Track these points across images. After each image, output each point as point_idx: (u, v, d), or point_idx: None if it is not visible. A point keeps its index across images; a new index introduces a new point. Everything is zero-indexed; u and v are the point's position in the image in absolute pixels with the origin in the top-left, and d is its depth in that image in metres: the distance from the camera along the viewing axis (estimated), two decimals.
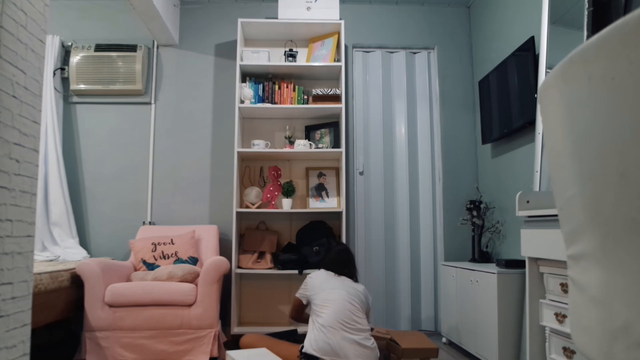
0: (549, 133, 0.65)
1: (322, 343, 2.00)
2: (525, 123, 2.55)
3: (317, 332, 2.06)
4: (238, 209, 3.05)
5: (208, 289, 2.53)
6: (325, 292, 2.20)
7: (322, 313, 2.11)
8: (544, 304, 1.78)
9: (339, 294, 2.17)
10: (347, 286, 2.24)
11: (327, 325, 2.04)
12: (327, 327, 2.04)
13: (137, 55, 3.37)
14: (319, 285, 2.27)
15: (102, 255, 3.28)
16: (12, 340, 1.49)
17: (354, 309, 2.13)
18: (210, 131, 3.45)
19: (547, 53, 2.23)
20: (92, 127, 3.43)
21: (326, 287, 2.22)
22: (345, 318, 2.07)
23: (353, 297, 2.18)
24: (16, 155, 1.52)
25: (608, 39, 0.47)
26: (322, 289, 2.22)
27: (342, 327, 2.04)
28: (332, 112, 3.28)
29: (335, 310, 2.09)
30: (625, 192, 0.48)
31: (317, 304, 2.18)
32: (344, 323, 2.05)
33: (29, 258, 1.59)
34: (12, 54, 1.49)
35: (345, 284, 2.26)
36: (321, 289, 2.23)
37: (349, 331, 2.04)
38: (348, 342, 2.00)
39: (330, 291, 2.19)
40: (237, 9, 3.55)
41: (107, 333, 2.43)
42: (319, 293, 2.21)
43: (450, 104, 3.54)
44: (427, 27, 3.60)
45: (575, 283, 0.64)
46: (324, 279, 2.29)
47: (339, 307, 2.10)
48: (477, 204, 3.10)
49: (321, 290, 2.22)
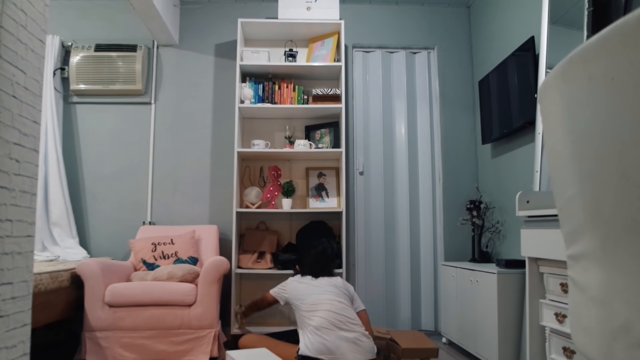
0: (549, 133, 0.65)
1: (318, 344, 2.02)
2: (525, 123, 2.54)
3: (311, 335, 2.09)
4: (238, 209, 3.05)
5: (208, 289, 2.53)
6: (312, 297, 2.24)
7: (313, 317, 2.14)
8: (544, 304, 1.78)
9: (325, 297, 2.22)
10: (329, 285, 2.31)
11: (321, 327, 2.08)
12: (321, 329, 2.07)
13: (137, 55, 3.37)
14: (302, 292, 2.31)
15: (102, 255, 3.28)
16: (12, 340, 1.49)
17: (343, 307, 2.17)
18: (210, 131, 3.45)
19: (547, 53, 2.23)
20: (92, 127, 3.43)
21: (311, 292, 2.26)
22: (338, 317, 2.11)
23: (338, 294, 2.24)
24: (16, 155, 1.52)
25: (608, 39, 0.47)
26: (306, 295, 2.26)
27: (337, 326, 2.08)
28: (332, 112, 3.28)
29: (327, 312, 2.13)
30: (625, 192, 0.48)
31: (305, 310, 2.21)
32: (338, 322, 2.09)
33: (29, 258, 1.59)
34: (12, 54, 1.49)
35: (326, 284, 2.32)
36: (305, 295, 2.27)
37: (343, 330, 2.08)
38: (344, 340, 2.03)
39: (317, 296, 2.23)
40: (237, 9, 3.55)
41: (107, 333, 2.43)
42: (304, 299, 2.25)
43: (450, 104, 3.54)
44: (427, 27, 3.60)
45: (575, 283, 0.64)
46: (304, 285, 2.34)
47: (329, 308, 2.15)
48: (477, 204, 3.10)
49: (307, 296, 2.25)
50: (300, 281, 2.41)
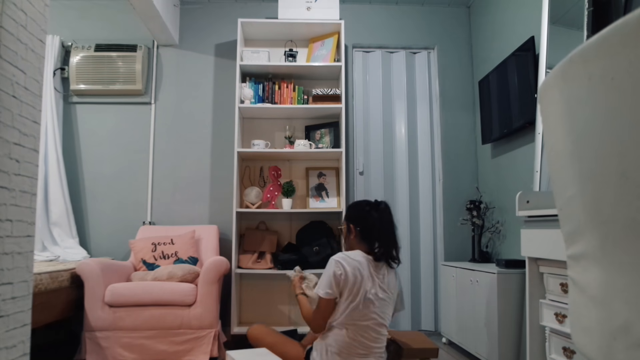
0: (549, 133, 0.65)
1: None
2: (525, 123, 2.54)
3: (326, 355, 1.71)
4: (238, 209, 3.05)
5: (208, 289, 2.53)
6: (359, 300, 1.65)
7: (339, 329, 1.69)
8: (544, 304, 1.78)
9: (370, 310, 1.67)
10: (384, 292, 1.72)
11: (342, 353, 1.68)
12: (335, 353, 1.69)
13: (137, 55, 3.36)
14: (352, 282, 1.64)
15: (102, 255, 3.28)
16: (12, 340, 1.49)
17: (382, 332, 1.74)
18: (210, 131, 3.45)
19: (547, 53, 2.23)
20: (92, 127, 3.43)
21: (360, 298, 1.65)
22: (368, 342, 1.70)
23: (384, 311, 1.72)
24: (16, 155, 1.52)
25: (608, 39, 0.47)
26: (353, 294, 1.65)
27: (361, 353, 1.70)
28: (332, 112, 3.28)
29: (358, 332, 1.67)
30: (625, 192, 0.48)
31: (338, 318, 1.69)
32: (365, 351, 1.71)
33: (29, 258, 1.59)
34: (12, 54, 1.49)
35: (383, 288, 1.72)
36: (352, 293, 1.65)
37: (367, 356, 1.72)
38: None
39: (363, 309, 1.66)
40: (237, 9, 3.55)
41: (107, 333, 2.43)
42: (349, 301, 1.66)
43: (450, 104, 3.53)
44: (427, 27, 3.60)
45: (575, 283, 0.64)
46: (367, 274, 1.68)
47: (364, 333, 1.68)
48: (477, 204, 3.10)
49: (352, 295, 1.66)
50: (361, 264, 1.68)
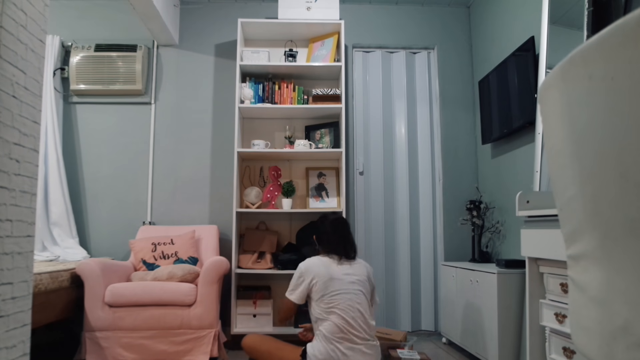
0: (549, 133, 0.65)
1: (327, 355, 1.90)
2: (525, 123, 2.54)
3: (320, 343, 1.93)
4: (238, 209, 3.05)
5: (208, 289, 2.53)
6: (331, 290, 1.96)
7: (326, 321, 1.94)
8: (544, 304, 1.78)
9: (346, 297, 1.95)
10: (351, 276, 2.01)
11: (333, 335, 1.91)
12: (332, 340, 1.91)
13: (137, 55, 3.36)
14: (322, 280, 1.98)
15: (102, 255, 3.28)
16: (12, 340, 1.49)
17: (363, 311, 1.96)
18: (210, 131, 3.45)
19: (547, 53, 2.23)
20: (92, 127, 3.43)
21: (331, 284, 1.97)
22: (354, 325, 1.93)
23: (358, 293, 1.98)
24: (16, 155, 1.52)
25: (608, 39, 0.47)
26: (326, 287, 1.97)
27: (349, 336, 1.91)
28: (332, 112, 3.28)
29: (343, 317, 1.92)
30: (625, 192, 0.48)
31: (321, 308, 1.96)
32: (354, 331, 1.92)
33: (29, 258, 1.59)
34: (12, 54, 1.49)
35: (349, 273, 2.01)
36: (325, 287, 1.97)
37: (356, 341, 1.92)
38: (354, 351, 1.90)
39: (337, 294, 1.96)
40: (237, 9, 3.55)
41: (107, 333, 2.43)
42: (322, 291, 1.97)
43: (450, 104, 3.54)
44: (427, 27, 3.60)
45: (575, 283, 0.64)
46: (325, 270, 2.01)
47: (346, 314, 1.93)
48: (477, 204, 3.10)
49: (326, 289, 1.97)
50: (322, 262, 2.04)
